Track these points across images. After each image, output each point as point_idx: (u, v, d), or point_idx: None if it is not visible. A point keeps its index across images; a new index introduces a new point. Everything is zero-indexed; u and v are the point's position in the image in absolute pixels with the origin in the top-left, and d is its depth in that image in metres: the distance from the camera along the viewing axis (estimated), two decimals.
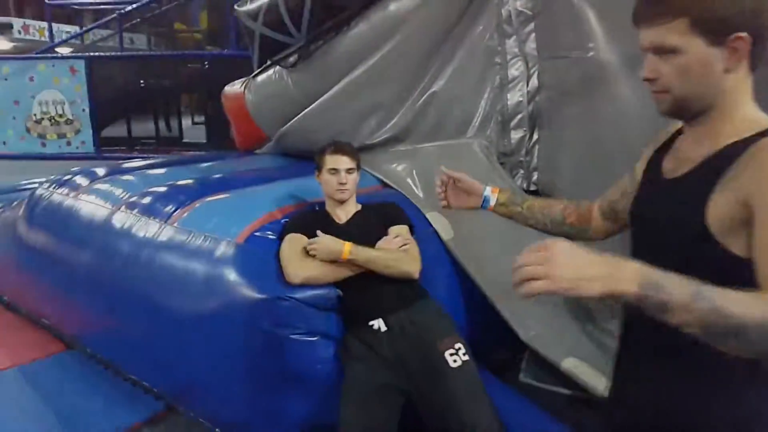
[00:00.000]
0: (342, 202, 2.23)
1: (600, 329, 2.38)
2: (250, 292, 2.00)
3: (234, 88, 3.67)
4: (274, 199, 2.46)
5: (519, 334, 2.25)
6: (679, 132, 1.10)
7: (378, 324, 1.97)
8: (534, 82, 2.84)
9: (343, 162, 2.21)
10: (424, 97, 2.94)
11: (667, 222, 1.02)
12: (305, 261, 2.03)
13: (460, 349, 1.92)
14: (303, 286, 1.98)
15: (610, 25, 2.45)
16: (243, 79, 3.60)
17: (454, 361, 1.89)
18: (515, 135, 2.90)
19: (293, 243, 2.09)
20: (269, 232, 2.21)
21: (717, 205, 0.94)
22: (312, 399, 1.99)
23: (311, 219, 2.22)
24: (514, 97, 2.88)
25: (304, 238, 2.08)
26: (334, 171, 2.20)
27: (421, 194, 2.68)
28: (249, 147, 3.88)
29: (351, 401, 1.85)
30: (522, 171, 2.93)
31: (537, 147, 2.89)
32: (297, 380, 1.98)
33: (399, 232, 2.14)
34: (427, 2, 2.77)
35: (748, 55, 0.94)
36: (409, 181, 2.78)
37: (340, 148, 2.25)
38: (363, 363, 1.92)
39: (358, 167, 2.27)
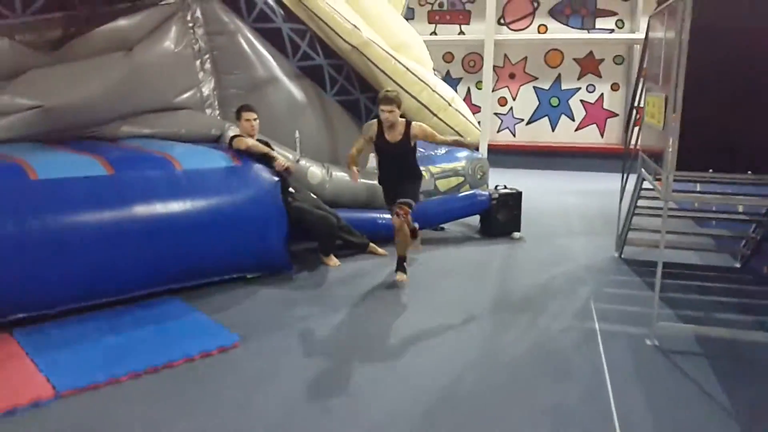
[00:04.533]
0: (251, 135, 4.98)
1: None
2: (271, 179, 4.65)
3: None
4: (208, 149, 4.71)
5: None
6: (379, 127, 4.70)
7: (292, 189, 5.04)
8: (212, 83, 5.70)
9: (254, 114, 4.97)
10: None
11: (401, 151, 4.72)
12: (256, 145, 4.92)
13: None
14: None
15: (256, 60, 5.80)
16: None
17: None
18: (209, 111, 5.68)
19: (246, 139, 4.92)
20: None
21: (411, 142, 4.72)
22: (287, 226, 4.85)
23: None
24: (206, 91, 5.64)
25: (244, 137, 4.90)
26: (249, 120, 4.93)
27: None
28: None
29: (311, 209, 4.96)
30: None
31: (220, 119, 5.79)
32: (283, 218, 4.78)
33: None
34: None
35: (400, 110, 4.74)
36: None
37: (250, 107, 5.00)
38: (299, 202, 5.00)
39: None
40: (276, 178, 4.76)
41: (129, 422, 2.83)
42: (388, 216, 5.84)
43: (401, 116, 4.72)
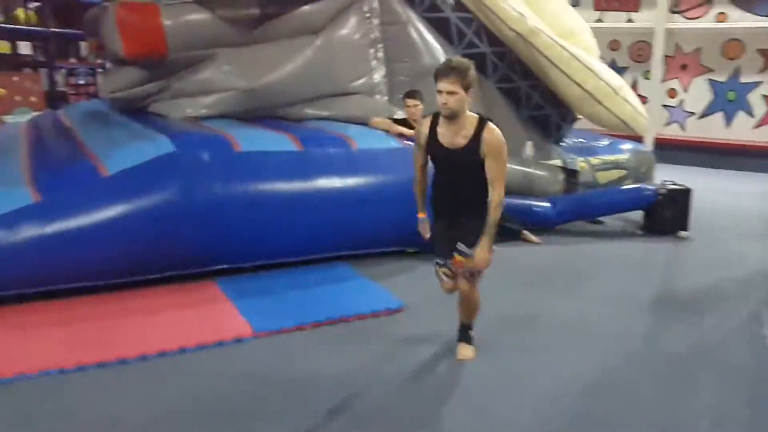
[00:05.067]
0: (415, 120, 5.24)
1: None
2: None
3: None
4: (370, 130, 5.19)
5: None
6: (433, 124, 3.04)
7: None
8: (383, 70, 6.10)
9: (415, 101, 5.25)
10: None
11: (464, 163, 2.99)
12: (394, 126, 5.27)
13: None
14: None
15: (424, 49, 6.09)
16: None
17: None
18: (379, 98, 6.09)
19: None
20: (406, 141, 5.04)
21: (481, 154, 2.93)
22: None
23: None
24: (377, 78, 6.05)
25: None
26: (409, 106, 5.27)
27: None
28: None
29: None
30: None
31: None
32: None
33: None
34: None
35: (470, 95, 2.93)
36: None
37: (413, 94, 5.35)
38: None
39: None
40: None
41: (314, 363, 3.26)
42: (544, 204, 5.87)
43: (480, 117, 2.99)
